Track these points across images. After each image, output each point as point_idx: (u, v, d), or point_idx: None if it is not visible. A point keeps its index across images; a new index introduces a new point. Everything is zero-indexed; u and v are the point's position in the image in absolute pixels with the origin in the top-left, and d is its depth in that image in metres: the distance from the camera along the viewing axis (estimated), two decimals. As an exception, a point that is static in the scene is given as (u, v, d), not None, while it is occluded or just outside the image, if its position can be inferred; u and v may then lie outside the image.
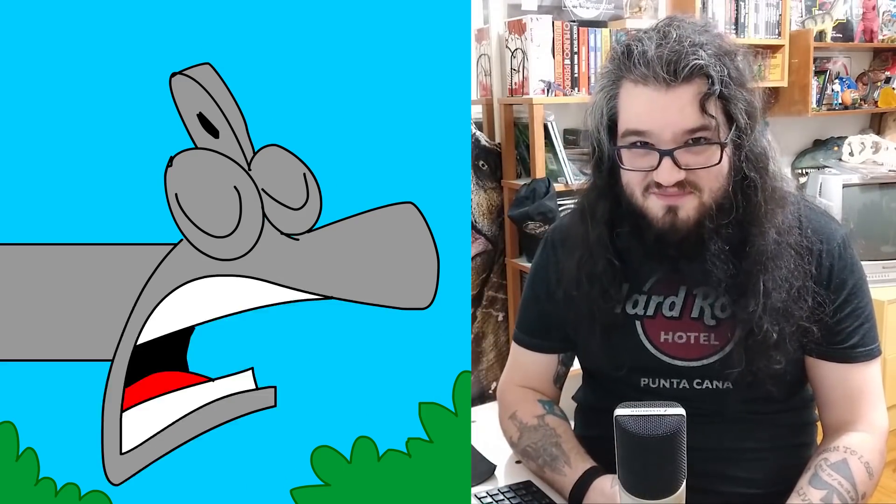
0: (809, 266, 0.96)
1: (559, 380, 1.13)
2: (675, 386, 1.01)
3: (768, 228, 0.95)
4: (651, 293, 1.03)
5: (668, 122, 0.91)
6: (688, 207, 0.94)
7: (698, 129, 0.90)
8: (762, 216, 0.93)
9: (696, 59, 0.89)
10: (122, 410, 0.62)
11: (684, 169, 0.91)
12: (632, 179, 0.96)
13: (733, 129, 0.92)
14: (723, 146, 0.91)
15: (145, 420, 0.62)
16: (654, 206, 0.95)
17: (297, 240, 0.62)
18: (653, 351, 1.01)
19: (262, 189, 0.61)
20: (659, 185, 0.93)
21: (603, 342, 1.02)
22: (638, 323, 1.02)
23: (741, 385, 0.98)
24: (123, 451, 0.62)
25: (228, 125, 0.60)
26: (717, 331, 0.99)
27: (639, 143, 0.93)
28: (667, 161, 0.91)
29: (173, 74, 0.60)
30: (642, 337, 1.02)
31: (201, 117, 0.60)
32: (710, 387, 1.00)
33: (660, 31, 0.93)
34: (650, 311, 1.02)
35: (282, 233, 0.62)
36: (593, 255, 1.00)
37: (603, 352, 1.03)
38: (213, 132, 0.60)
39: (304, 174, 0.61)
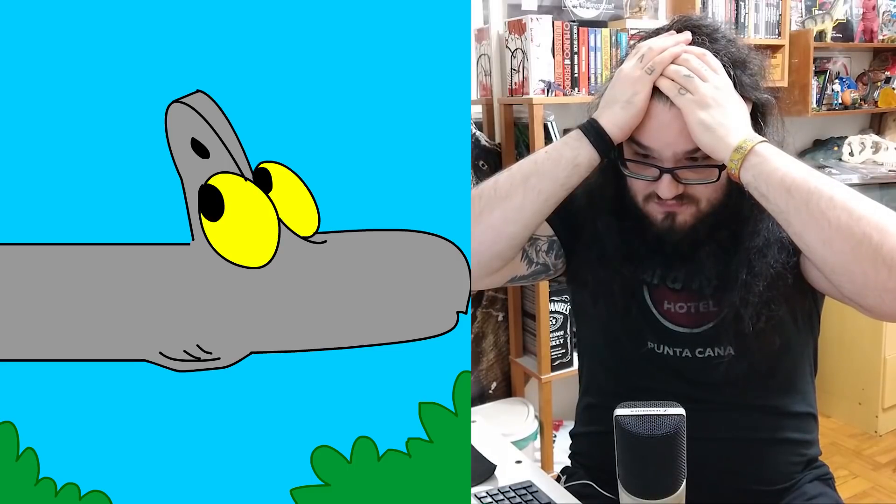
0: (792, 258, 0.96)
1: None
2: (678, 354, 1.02)
3: (761, 229, 0.96)
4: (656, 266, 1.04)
5: (668, 142, 0.91)
6: (685, 214, 0.96)
7: (698, 150, 0.90)
8: (757, 213, 0.94)
9: None
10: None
11: (683, 183, 0.93)
12: (635, 184, 0.97)
13: None
14: (721, 168, 0.90)
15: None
16: (654, 210, 0.97)
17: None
18: (657, 316, 1.03)
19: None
20: (659, 197, 0.94)
21: (616, 276, 1.02)
22: (645, 288, 1.03)
23: (737, 357, 0.99)
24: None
25: (223, 145, 0.60)
26: (714, 298, 1.01)
27: (642, 156, 0.94)
28: (666, 177, 0.92)
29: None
30: (649, 301, 1.03)
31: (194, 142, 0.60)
32: (712, 354, 1.01)
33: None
34: (655, 280, 1.03)
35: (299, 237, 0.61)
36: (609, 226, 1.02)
37: (616, 282, 1.02)
38: (204, 153, 0.60)
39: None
